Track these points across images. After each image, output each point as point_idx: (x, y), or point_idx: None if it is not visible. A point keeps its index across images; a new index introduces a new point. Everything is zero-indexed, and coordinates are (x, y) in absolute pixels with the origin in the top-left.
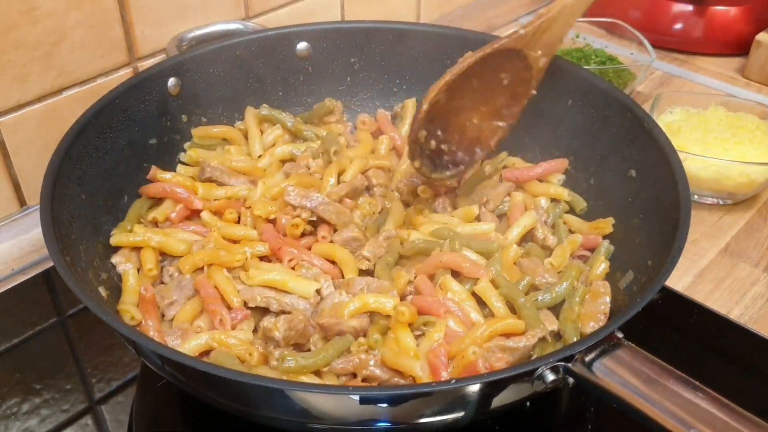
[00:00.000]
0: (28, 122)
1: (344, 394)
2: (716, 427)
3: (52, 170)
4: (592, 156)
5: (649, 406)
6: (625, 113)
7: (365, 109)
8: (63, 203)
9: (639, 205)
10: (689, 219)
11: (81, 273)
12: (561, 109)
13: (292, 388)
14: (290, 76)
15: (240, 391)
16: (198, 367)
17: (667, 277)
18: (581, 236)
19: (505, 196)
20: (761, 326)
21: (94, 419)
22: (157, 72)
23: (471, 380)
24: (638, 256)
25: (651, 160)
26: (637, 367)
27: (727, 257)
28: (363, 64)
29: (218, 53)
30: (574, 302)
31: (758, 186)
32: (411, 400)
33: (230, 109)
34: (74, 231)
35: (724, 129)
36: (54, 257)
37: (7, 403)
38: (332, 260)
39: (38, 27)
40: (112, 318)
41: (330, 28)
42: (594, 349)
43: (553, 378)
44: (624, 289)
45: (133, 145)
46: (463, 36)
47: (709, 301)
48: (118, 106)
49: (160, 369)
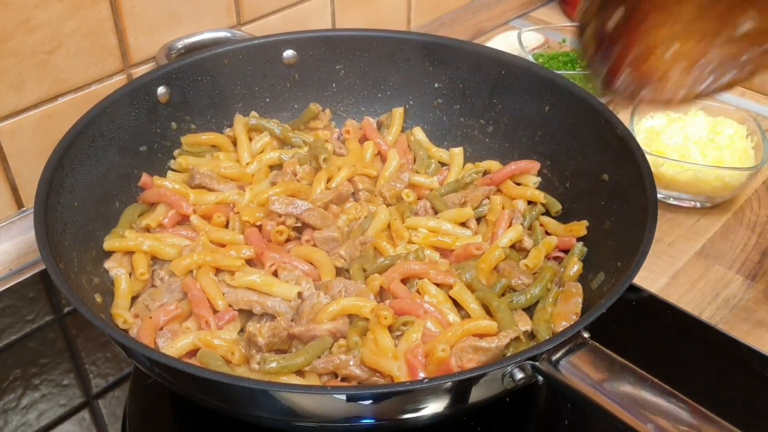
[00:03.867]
0: (25, 128)
1: (328, 394)
2: (672, 419)
3: (45, 180)
4: (568, 161)
5: (609, 401)
6: (599, 120)
7: (351, 116)
8: (56, 211)
9: (610, 209)
10: (655, 224)
11: (74, 278)
12: (539, 114)
13: (277, 390)
14: (277, 83)
15: (226, 392)
16: (184, 369)
17: (630, 280)
18: (556, 238)
19: (483, 198)
20: (731, 326)
21: (91, 413)
22: (147, 81)
23: (443, 379)
24: (609, 257)
25: (622, 166)
26: (600, 365)
27: (702, 259)
28: (348, 72)
29: (207, 61)
30: (548, 303)
31: (734, 189)
32: (388, 399)
33: (219, 115)
34: (67, 238)
35: (703, 134)
36: (48, 265)
37: (7, 398)
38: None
39: (34, 36)
40: (104, 323)
41: (316, 36)
42: (560, 349)
43: (521, 376)
44: (596, 290)
45: (124, 152)
46: (446, 44)
47: (682, 302)
48: (108, 115)
49: (150, 370)
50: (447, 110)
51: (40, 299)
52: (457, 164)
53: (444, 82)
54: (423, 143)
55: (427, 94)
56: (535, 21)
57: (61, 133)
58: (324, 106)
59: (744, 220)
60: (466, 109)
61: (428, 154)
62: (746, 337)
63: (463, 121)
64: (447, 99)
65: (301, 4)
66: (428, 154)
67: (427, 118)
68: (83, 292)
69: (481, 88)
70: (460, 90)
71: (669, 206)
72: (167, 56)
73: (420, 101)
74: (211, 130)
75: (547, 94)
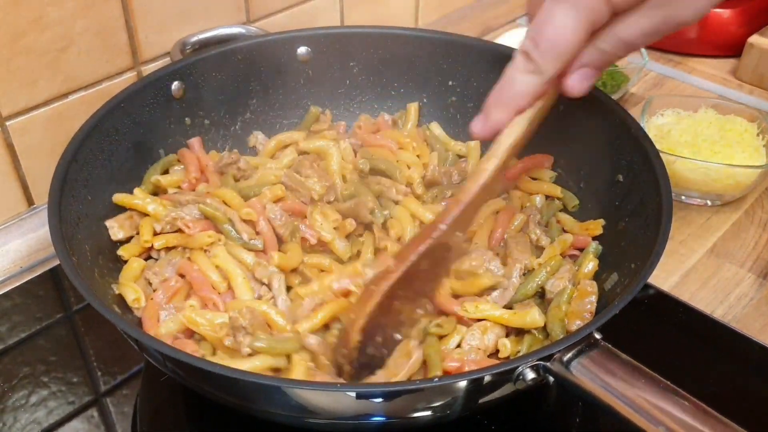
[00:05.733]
0: (36, 125)
1: (341, 391)
2: (682, 423)
3: (59, 174)
4: (582, 160)
5: (620, 403)
6: (613, 119)
7: (364, 112)
8: (70, 205)
9: (625, 209)
10: (670, 226)
11: (87, 272)
12: (552, 114)
13: (288, 386)
14: (291, 80)
15: (238, 388)
16: (196, 364)
17: (643, 282)
18: (572, 236)
19: (501, 193)
20: (743, 325)
21: (100, 411)
22: (161, 76)
23: (454, 378)
24: (623, 258)
25: (637, 166)
26: (611, 367)
27: (713, 257)
28: (362, 69)
29: (221, 57)
30: (562, 301)
31: (745, 188)
32: (399, 397)
33: (232, 111)
34: (80, 231)
35: (713, 131)
36: (62, 258)
37: (16, 395)
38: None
39: (46, 34)
40: (116, 317)
41: (330, 33)
42: (571, 350)
43: (533, 376)
44: (609, 291)
45: (138, 147)
46: (461, 42)
47: (694, 300)
48: (123, 110)
49: (162, 365)
50: (461, 108)
51: (50, 297)
52: (474, 157)
53: (458, 80)
54: (440, 138)
55: (441, 91)
56: None
57: (72, 131)
58: (337, 103)
59: (755, 218)
60: (480, 107)
61: (446, 147)
62: (759, 335)
63: None
64: (461, 97)
65: (309, 2)
66: (446, 148)
67: (441, 115)
68: (95, 286)
69: None
70: (474, 88)
71: (680, 204)
72: (182, 51)
73: (434, 99)
74: (225, 126)
75: (561, 94)
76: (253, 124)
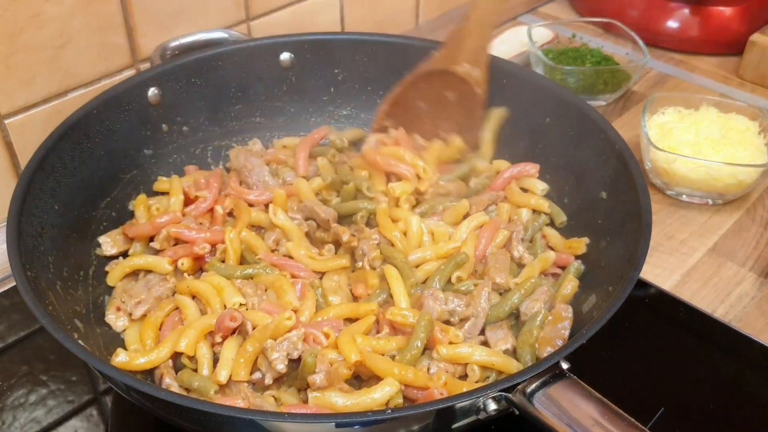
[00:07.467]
0: (35, 123)
1: (317, 422)
2: None
3: (22, 183)
4: (567, 175)
5: None
6: (598, 134)
7: (349, 120)
8: (33, 216)
9: (607, 228)
10: (647, 250)
11: (49, 284)
12: (539, 126)
13: (263, 419)
14: (274, 86)
15: (209, 420)
16: (164, 397)
17: (614, 310)
18: (554, 254)
19: (490, 204)
20: (744, 324)
21: (99, 410)
22: (136, 83)
23: (412, 409)
24: (602, 280)
25: (620, 185)
26: (576, 401)
27: (714, 257)
28: (347, 76)
29: (201, 63)
30: (534, 326)
31: (747, 187)
32: (376, 425)
33: (213, 118)
34: (44, 242)
35: (715, 130)
36: (15, 273)
37: (15, 394)
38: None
39: (44, 31)
40: (68, 339)
41: (313, 39)
42: (536, 380)
43: (495, 407)
44: (586, 313)
45: (112, 154)
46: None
47: (695, 299)
48: (96, 117)
49: (127, 395)
50: None
51: None
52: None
53: None
54: None
55: None
56: (544, 16)
57: None
58: (321, 111)
59: (756, 217)
60: None
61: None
62: (760, 334)
63: None
64: None
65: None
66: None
67: None
68: (59, 300)
69: None
70: None
71: (681, 203)
72: (162, 57)
73: None
74: (205, 133)
75: (548, 105)
76: (234, 131)
